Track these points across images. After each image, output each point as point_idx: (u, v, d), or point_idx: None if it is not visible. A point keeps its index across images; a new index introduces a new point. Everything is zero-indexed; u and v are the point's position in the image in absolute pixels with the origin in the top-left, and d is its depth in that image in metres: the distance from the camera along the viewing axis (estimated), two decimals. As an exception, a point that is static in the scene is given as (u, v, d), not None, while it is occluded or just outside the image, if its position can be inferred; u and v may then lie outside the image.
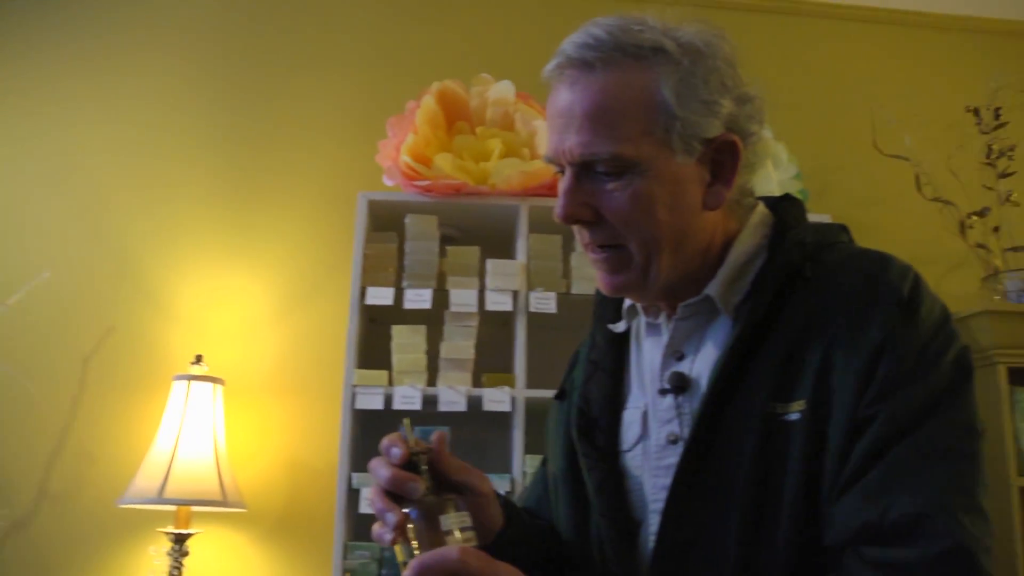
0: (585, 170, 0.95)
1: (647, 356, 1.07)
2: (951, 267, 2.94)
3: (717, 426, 0.92)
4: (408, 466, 0.87)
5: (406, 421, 0.92)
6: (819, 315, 0.91)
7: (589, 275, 2.37)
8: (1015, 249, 2.75)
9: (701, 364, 0.99)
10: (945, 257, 2.93)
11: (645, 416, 1.03)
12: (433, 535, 0.83)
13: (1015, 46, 3.20)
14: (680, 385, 0.99)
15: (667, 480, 0.94)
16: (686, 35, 0.96)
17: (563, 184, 0.96)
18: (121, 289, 2.64)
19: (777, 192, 2.57)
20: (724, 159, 0.97)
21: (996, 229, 2.78)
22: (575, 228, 0.99)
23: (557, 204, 0.96)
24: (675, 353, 1.02)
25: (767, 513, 0.87)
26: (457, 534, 0.84)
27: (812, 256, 0.97)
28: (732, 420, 0.91)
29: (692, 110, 0.93)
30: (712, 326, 1.00)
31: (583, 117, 0.93)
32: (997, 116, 2.78)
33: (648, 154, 0.92)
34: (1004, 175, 2.76)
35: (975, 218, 2.76)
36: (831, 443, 0.86)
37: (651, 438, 1.01)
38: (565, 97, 0.95)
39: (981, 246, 2.76)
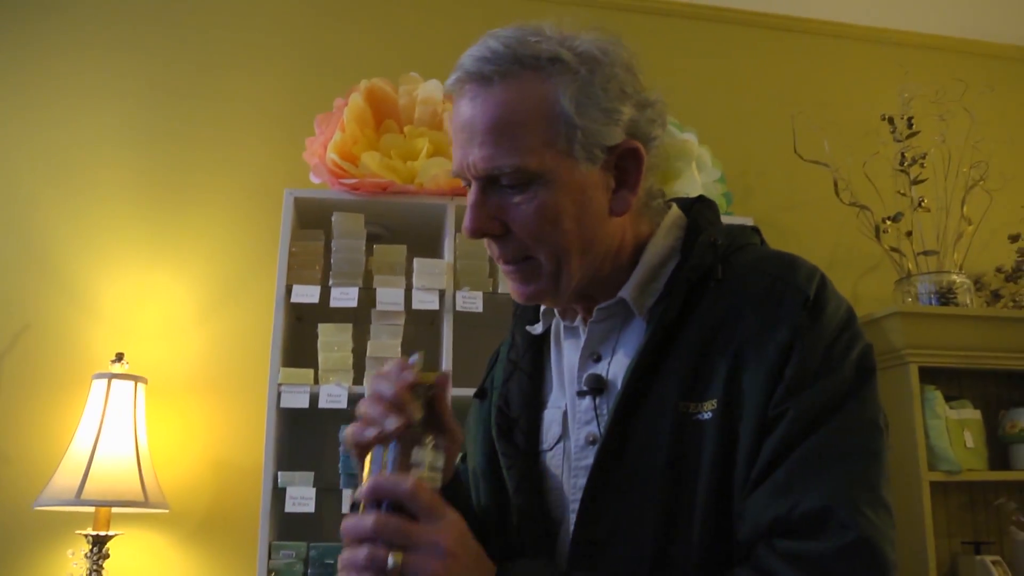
0: (491, 184, 0.95)
1: (566, 357, 1.09)
2: (867, 270, 3.05)
3: (631, 426, 0.94)
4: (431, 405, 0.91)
5: (421, 353, 0.94)
6: (729, 316, 0.94)
7: (516, 275, 2.39)
8: (926, 253, 2.87)
9: (617, 366, 1.00)
10: (861, 260, 3.04)
11: (566, 416, 1.05)
12: (404, 463, 0.86)
13: (926, 58, 3.33)
14: (597, 387, 1.00)
15: (584, 480, 0.96)
16: (583, 44, 0.96)
17: (470, 198, 0.96)
18: (39, 286, 2.57)
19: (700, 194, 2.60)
20: (628, 165, 0.98)
21: (909, 234, 2.88)
22: (485, 242, 0.99)
23: (465, 219, 0.96)
24: (592, 355, 1.03)
25: (681, 510, 0.90)
26: (426, 471, 0.86)
27: (724, 258, 0.99)
28: (646, 420, 0.93)
29: (592, 119, 0.94)
30: (627, 328, 1.02)
31: (485, 131, 0.93)
32: (910, 125, 2.88)
33: (551, 165, 0.93)
34: (916, 182, 2.87)
35: (889, 223, 2.87)
36: (742, 441, 0.89)
37: (571, 439, 1.03)
38: (466, 112, 0.95)
39: (895, 250, 2.86)
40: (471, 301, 2.34)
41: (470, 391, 2.24)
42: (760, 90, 3.20)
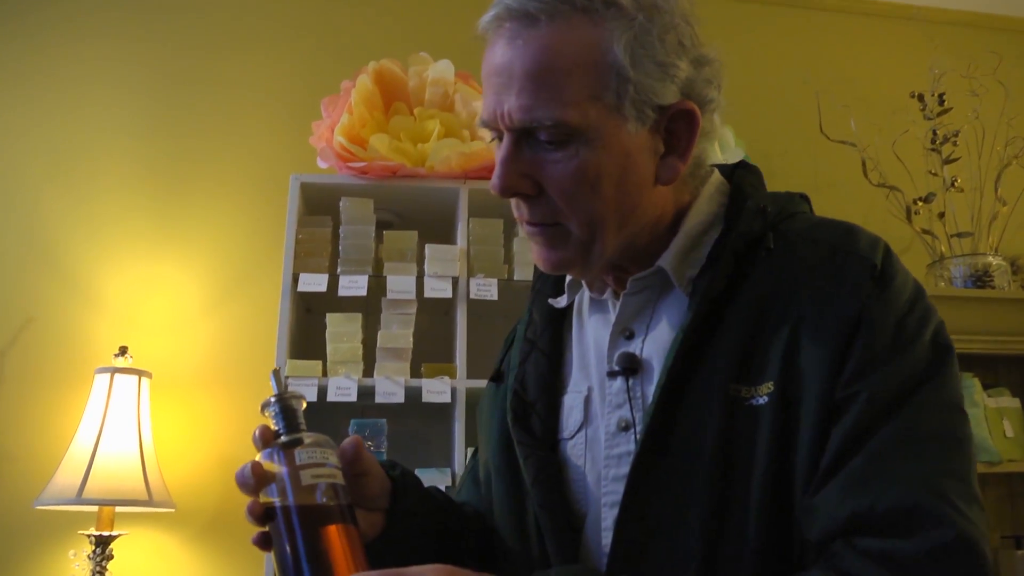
0: (525, 137, 0.85)
1: (591, 335, 0.99)
2: (898, 253, 2.93)
3: (676, 412, 0.84)
4: (286, 413, 0.82)
5: (275, 369, 0.86)
6: (783, 289, 0.84)
7: (531, 260, 2.29)
8: (960, 235, 2.75)
9: (653, 344, 0.91)
10: (891, 243, 2.84)
11: (587, 400, 0.95)
12: (295, 473, 0.78)
13: (956, 34, 3.21)
14: (631, 366, 0.91)
15: (619, 470, 0.88)
16: None
17: (500, 152, 0.87)
18: (41, 279, 2.50)
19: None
20: (680, 129, 0.88)
21: (941, 215, 2.77)
22: (512, 202, 0.90)
23: (494, 174, 0.87)
24: (624, 331, 0.94)
25: (733, 504, 0.80)
26: (324, 469, 0.79)
27: (773, 226, 0.90)
28: (692, 405, 0.83)
29: (646, 72, 0.84)
30: (664, 301, 0.92)
31: (524, 77, 0.83)
32: (941, 102, 2.77)
33: (596, 121, 0.83)
34: (948, 161, 2.76)
35: (921, 204, 2.75)
36: (804, 428, 0.79)
37: (597, 424, 0.93)
38: (504, 53, 0.85)
39: (927, 232, 2.75)
40: (486, 288, 2.24)
41: (485, 383, 2.16)
42: (783, 68, 3.09)
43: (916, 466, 0.75)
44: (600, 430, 0.92)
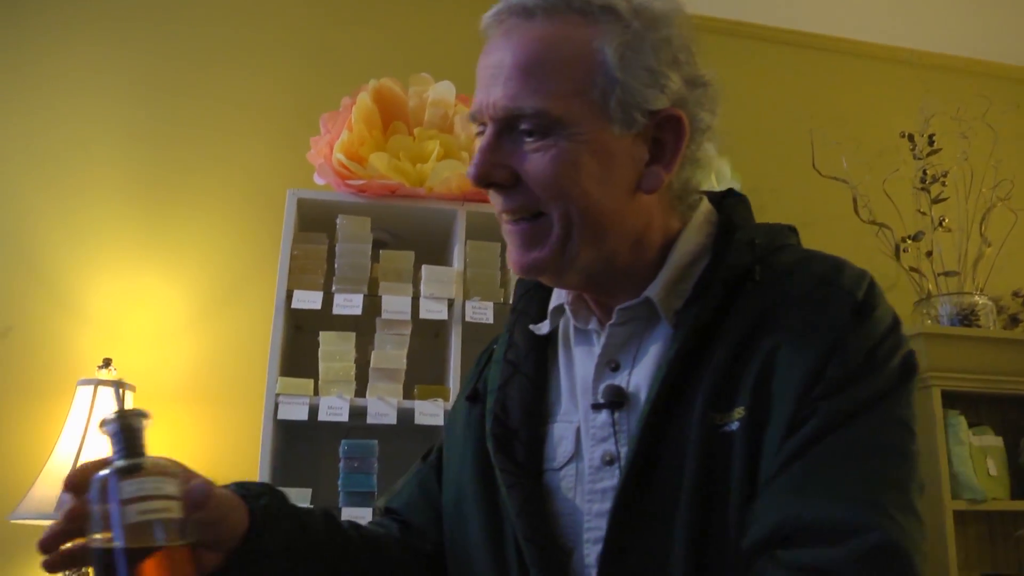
0: (508, 128, 0.86)
1: (579, 365, 0.96)
2: (885, 289, 2.89)
3: (659, 446, 0.82)
4: (127, 432, 0.72)
5: (117, 381, 0.80)
6: (767, 319, 0.84)
7: (528, 285, 2.29)
8: (947, 274, 2.78)
9: (639, 376, 0.89)
10: (880, 279, 2.87)
11: (579, 432, 0.92)
12: (127, 507, 0.68)
13: (947, 78, 3.27)
14: (616, 399, 0.88)
15: (603, 505, 0.85)
16: (644, 1, 0.88)
17: (482, 141, 0.87)
18: (23, 287, 2.44)
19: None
20: (666, 138, 0.88)
21: (929, 254, 2.80)
22: (490, 194, 0.89)
23: (472, 163, 0.87)
24: (610, 363, 0.91)
25: (713, 537, 0.78)
26: (158, 503, 0.68)
27: (761, 258, 0.89)
28: (674, 438, 0.82)
29: (635, 76, 0.85)
30: (651, 333, 0.90)
31: (513, 67, 0.85)
32: (931, 143, 2.80)
33: (579, 116, 0.84)
34: (937, 201, 2.79)
35: (909, 242, 2.78)
36: (766, 450, 0.78)
37: (584, 458, 0.90)
38: (498, 47, 0.87)
39: (914, 270, 2.77)
40: (481, 311, 2.23)
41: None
42: (776, 104, 3.12)
43: (855, 476, 0.75)
44: (586, 464, 0.90)
